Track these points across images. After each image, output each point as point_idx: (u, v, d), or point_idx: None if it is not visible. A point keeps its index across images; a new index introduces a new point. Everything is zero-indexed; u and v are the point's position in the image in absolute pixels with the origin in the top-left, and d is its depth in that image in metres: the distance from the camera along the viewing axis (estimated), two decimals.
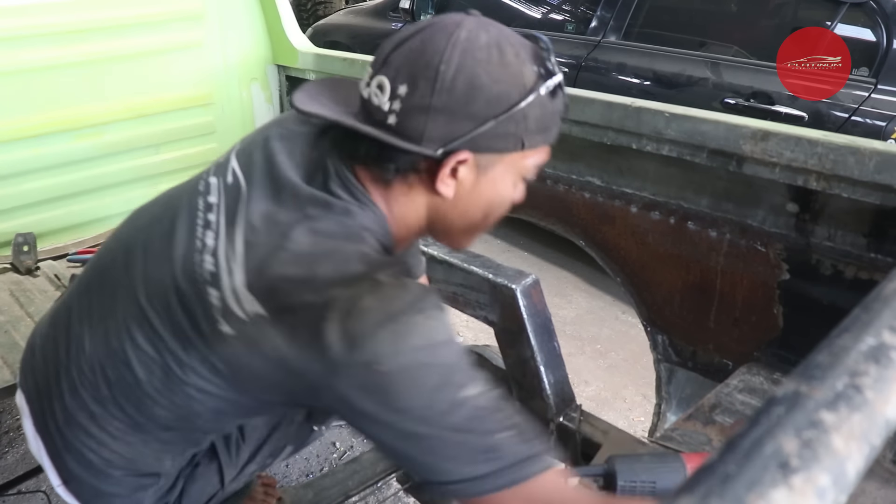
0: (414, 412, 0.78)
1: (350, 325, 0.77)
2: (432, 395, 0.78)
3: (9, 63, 1.94)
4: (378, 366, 0.76)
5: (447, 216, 0.95)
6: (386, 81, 0.85)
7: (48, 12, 1.99)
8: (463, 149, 0.86)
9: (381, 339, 0.76)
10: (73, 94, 2.03)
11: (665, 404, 1.69)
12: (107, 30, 2.09)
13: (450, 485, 0.81)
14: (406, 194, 0.92)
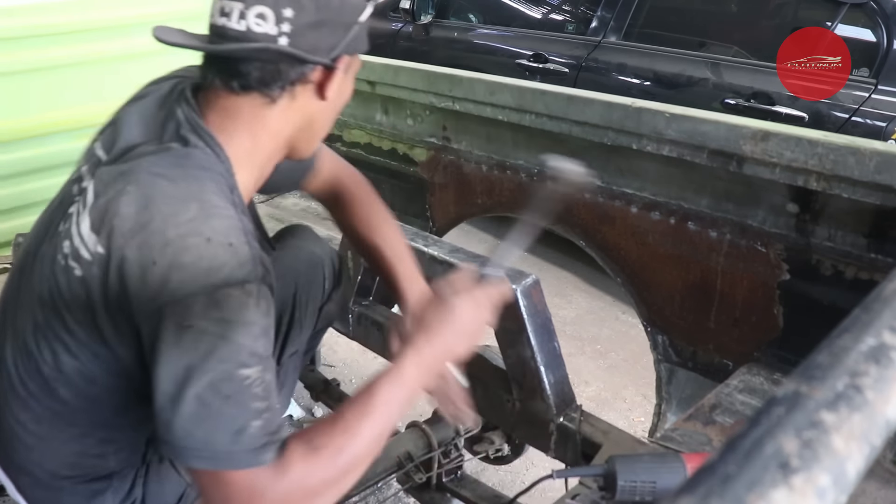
0: (203, 363, 0.83)
1: (171, 276, 0.85)
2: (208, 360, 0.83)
3: (9, 63, 1.94)
4: (185, 321, 0.83)
5: (318, 121, 1.06)
6: (267, 10, 0.92)
7: (48, 12, 1.99)
8: (344, 53, 1.00)
9: (196, 301, 0.84)
10: (73, 94, 2.04)
11: (665, 404, 1.69)
12: (107, 30, 2.09)
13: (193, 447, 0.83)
14: (286, 109, 0.99)
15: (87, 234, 0.91)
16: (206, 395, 0.83)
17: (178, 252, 0.86)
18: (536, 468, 2.22)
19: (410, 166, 2.18)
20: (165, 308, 0.85)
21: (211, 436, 0.83)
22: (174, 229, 0.87)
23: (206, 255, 0.87)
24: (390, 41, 4.27)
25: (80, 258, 0.92)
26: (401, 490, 1.82)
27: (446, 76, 1.90)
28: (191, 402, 0.83)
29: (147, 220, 0.88)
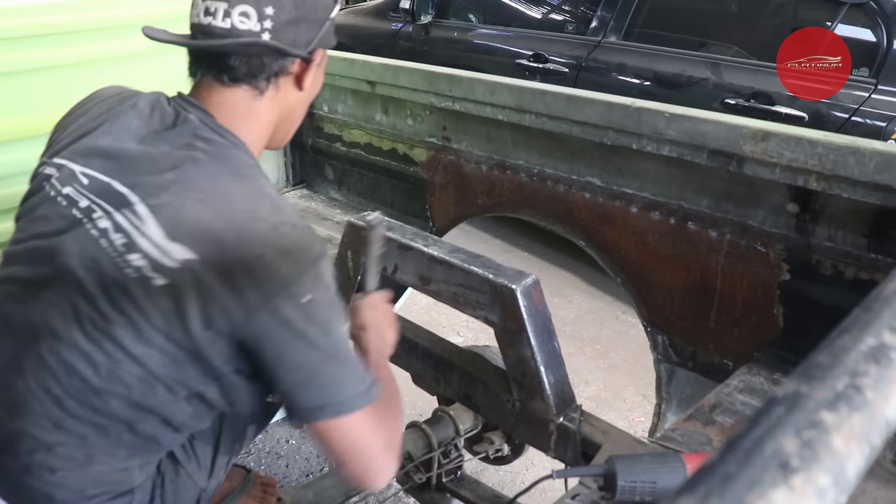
0: (326, 327, 0.99)
1: (280, 263, 0.95)
2: (338, 320, 1.02)
3: (9, 63, 1.94)
4: (304, 298, 0.96)
5: (297, 108, 1.16)
6: (250, 8, 1.01)
7: (48, 12, 1.99)
8: (319, 47, 1.09)
9: (307, 277, 0.96)
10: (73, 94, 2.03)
11: (665, 404, 1.69)
12: (107, 30, 2.09)
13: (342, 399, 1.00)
14: (273, 100, 1.09)
15: (166, 243, 0.96)
16: (339, 353, 1.01)
17: (275, 241, 0.97)
18: (536, 468, 2.22)
19: (410, 166, 2.18)
20: (282, 292, 0.94)
21: (351, 381, 1.01)
22: (262, 223, 0.98)
23: (298, 239, 0.99)
24: (390, 41, 4.27)
25: (162, 268, 0.95)
26: (401, 490, 1.83)
27: (446, 76, 1.90)
28: (331, 363, 0.99)
29: (233, 220, 0.97)
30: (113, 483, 1.07)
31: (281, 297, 0.94)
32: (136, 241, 0.97)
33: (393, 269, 1.57)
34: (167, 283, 0.95)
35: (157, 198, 0.98)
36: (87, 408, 1.01)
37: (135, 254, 0.97)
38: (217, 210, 0.97)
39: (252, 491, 1.47)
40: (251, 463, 2.27)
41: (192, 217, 0.97)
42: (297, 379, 0.99)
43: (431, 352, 1.63)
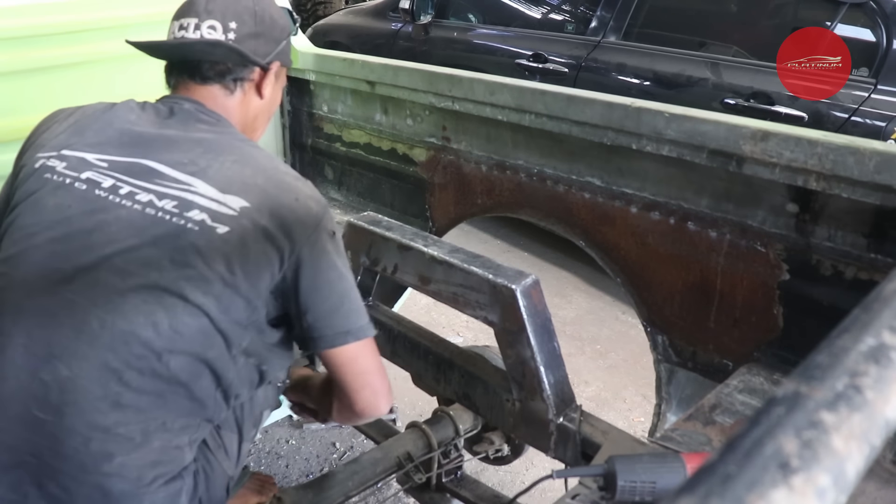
0: (346, 260, 1.19)
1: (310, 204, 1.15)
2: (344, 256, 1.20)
3: (9, 63, 1.94)
4: (333, 231, 1.17)
5: (259, 116, 1.32)
6: (217, 23, 1.20)
7: (48, 12, 1.99)
8: (276, 60, 1.29)
9: (328, 216, 1.17)
10: (73, 94, 2.03)
11: (665, 405, 1.69)
12: (107, 30, 2.09)
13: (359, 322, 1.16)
14: (241, 102, 1.26)
15: (222, 196, 1.10)
16: (353, 283, 1.18)
17: (301, 188, 1.16)
18: (536, 468, 2.22)
19: (410, 166, 2.18)
20: (318, 226, 1.13)
21: (363, 309, 1.18)
22: (287, 175, 1.18)
23: (311, 187, 1.20)
24: (390, 41, 4.27)
25: (223, 216, 1.08)
26: (401, 490, 1.83)
27: (446, 76, 1.90)
28: (352, 290, 1.17)
29: (268, 174, 1.14)
30: (167, 463, 1.07)
31: (318, 231, 1.12)
32: (191, 200, 1.09)
33: (393, 269, 1.57)
34: (229, 230, 1.07)
35: (196, 165, 1.12)
36: (147, 375, 1.03)
37: (193, 210, 1.08)
38: (252, 167, 1.14)
39: (249, 483, 1.48)
40: (251, 463, 2.27)
41: (236, 173, 1.12)
42: (329, 305, 1.13)
43: (432, 351, 1.63)
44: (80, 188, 1.10)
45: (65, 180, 1.11)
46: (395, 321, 1.70)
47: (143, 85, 2.21)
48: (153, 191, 1.10)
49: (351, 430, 2.33)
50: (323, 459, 2.33)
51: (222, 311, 1.06)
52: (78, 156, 1.14)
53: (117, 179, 1.11)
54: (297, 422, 2.45)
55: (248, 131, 1.30)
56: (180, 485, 1.10)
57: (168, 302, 1.04)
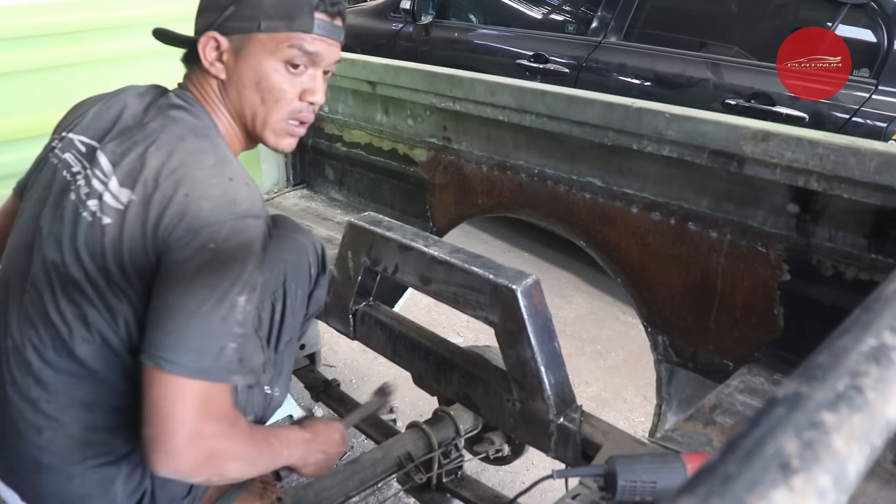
0: (215, 282, 0.99)
1: (202, 206, 1.00)
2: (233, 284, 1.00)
3: (9, 63, 1.94)
4: (210, 244, 0.99)
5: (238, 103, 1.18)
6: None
7: (48, 12, 1.99)
8: (215, 30, 1.14)
9: (222, 228, 1.00)
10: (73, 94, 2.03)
11: (665, 405, 1.69)
12: (107, 30, 2.09)
13: (180, 355, 0.97)
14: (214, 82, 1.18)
15: (118, 190, 1.05)
16: (209, 313, 0.97)
17: (205, 187, 1.02)
18: (536, 468, 2.22)
19: (410, 166, 2.18)
20: (192, 232, 0.99)
21: (203, 349, 0.97)
22: (198, 171, 1.03)
23: (230, 190, 1.03)
24: (391, 41, 4.27)
25: (110, 209, 1.04)
26: (401, 490, 1.82)
27: (446, 76, 1.90)
28: (195, 318, 0.97)
29: (175, 166, 1.04)
30: (97, 446, 1.10)
31: (188, 237, 0.99)
32: (98, 190, 1.07)
33: (393, 270, 1.57)
34: (111, 222, 1.04)
35: (122, 155, 1.08)
36: (63, 357, 1.07)
37: (92, 200, 1.07)
38: (161, 158, 1.05)
39: (252, 487, 1.47)
40: None
41: (141, 165, 1.05)
42: (156, 315, 0.99)
43: (432, 351, 1.63)
44: (58, 167, 1.16)
45: (53, 160, 1.18)
46: (395, 321, 1.70)
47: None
48: (86, 178, 1.10)
49: (351, 430, 2.33)
50: None
51: (112, 304, 1.06)
52: (70, 137, 1.19)
53: (81, 164, 1.14)
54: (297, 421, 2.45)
55: (240, 115, 1.19)
56: (114, 472, 1.11)
57: (69, 289, 1.06)
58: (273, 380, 1.36)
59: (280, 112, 1.18)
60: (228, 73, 1.16)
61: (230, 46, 1.14)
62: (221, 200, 1.01)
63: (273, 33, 1.13)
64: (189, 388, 0.97)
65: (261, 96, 1.17)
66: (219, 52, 1.15)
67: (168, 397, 0.97)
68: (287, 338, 1.40)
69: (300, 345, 2.12)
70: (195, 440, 0.97)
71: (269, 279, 1.35)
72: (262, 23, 1.12)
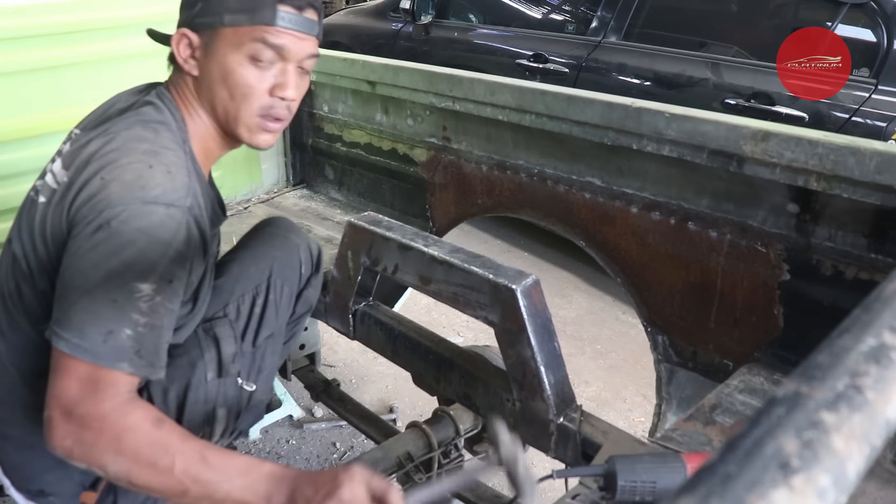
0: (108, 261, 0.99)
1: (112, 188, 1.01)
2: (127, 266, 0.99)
3: (9, 63, 1.94)
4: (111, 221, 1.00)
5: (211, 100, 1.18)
6: None
7: (48, 12, 1.99)
8: (185, 27, 1.16)
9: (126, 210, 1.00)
10: (73, 94, 2.03)
11: (665, 405, 1.69)
12: (107, 30, 2.09)
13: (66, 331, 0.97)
14: (186, 79, 1.19)
15: (59, 171, 1.11)
16: (97, 293, 0.97)
17: (122, 171, 1.03)
18: (536, 468, 2.22)
19: (410, 166, 2.18)
20: (95, 211, 1.01)
21: (87, 328, 0.96)
22: (125, 157, 1.05)
23: (144, 176, 1.03)
24: (390, 41, 4.27)
25: (47, 189, 1.11)
26: (401, 490, 1.82)
27: (446, 76, 1.90)
28: (83, 296, 0.97)
29: (106, 151, 1.06)
30: None
31: (91, 216, 1.01)
32: (44, 176, 1.15)
33: (393, 269, 1.57)
34: (45, 202, 1.11)
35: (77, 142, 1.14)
36: (10, 327, 1.16)
37: (39, 181, 1.16)
38: (99, 143, 1.08)
39: None
40: None
41: (81, 149, 1.10)
42: (57, 290, 1.03)
43: (432, 351, 1.63)
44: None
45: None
46: (395, 321, 1.70)
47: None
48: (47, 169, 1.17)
49: (351, 430, 2.33)
50: (323, 459, 2.32)
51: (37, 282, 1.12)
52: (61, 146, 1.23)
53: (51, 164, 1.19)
54: (297, 422, 2.45)
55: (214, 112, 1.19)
56: None
57: (14, 267, 1.15)
58: (249, 374, 1.35)
59: (249, 107, 1.17)
60: (200, 70, 1.16)
61: (200, 43, 1.15)
62: (132, 185, 1.01)
63: (236, 27, 1.12)
64: (70, 365, 0.95)
65: (229, 92, 1.16)
66: (191, 49, 1.16)
67: (54, 369, 0.97)
68: (267, 333, 1.39)
69: (300, 345, 2.12)
70: (67, 418, 0.93)
71: (252, 273, 1.38)
72: (225, 17, 1.12)
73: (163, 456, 0.92)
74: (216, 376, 1.29)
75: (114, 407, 0.95)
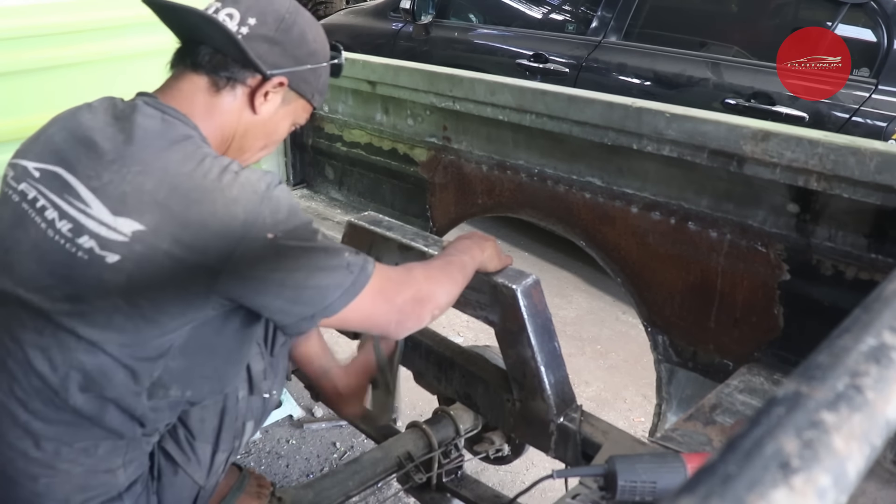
0: (296, 253, 1.01)
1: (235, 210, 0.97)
2: (307, 236, 1.03)
3: (9, 63, 1.94)
4: (269, 234, 0.99)
5: (249, 134, 1.16)
6: (236, 12, 1.09)
7: (48, 12, 1.99)
8: (285, 78, 1.13)
9: (265, 214, 0.99)
10: (73, 94, 2.03)
11: (665, 405, 1.69)
12: (107, 30, 2.09)
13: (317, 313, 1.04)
14: (230, 104, 1.11)
15: (112, 220, 0.97)
16: (317, 262, 1.02)
17: (223, 192, 0.98)
18: (536, 468, 2.22)
19: (410, 166, 2.18)
20: (246, 237, 0.97)
21: (339, 279, 1.04)
22: (205, 179, 0.98)
23: (244, 182, 1.00)
24: (391, 41, 4.27)
25: (112, 244, 0.96)
26: (401, 490, 1.83)
27: (446, 76, 1.90)
28: (312, 274, 1.02)
29: (175, 185, 0.97)
30: (97, 487, 1.06)
31: (246, 241, 0.97)
32: (83, 224, 0.98)
33: None
34: (120, 259, 0.96)
35: (99, 179, 1.00)
36: (51, 407, 1.01)
37: (83, 236, 0.98)
38: (157, 179, 0.98)
39: (248, 488, 1.48)
40: (251, 463, 2.27)
41: (133, 189, 0.97)
42: (283, 307, 1.03)
43: (433, 350, 1.63)
44: (14, 200, 1.06)
45: (7, 191, 1.09)
46: None
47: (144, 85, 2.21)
48: (59, 208, 1.01)
49: (351, 429, 2.34)
50: (323, 459, 2.33)
51: (125, 346, 0.99)
52: (23, 165, 1.09)
53: (39, 192, 1.04)
54: (297, 421, 2.45)
55: (234, 148, 1.15)
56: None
57: (61, 337, 0.98)
58: (272, 384, 1.36)
59: (261, 155, 1.24)
60: (259, 113, 1.14)
61: (283, 95, 1.16)
62: (247, 195, 0.99)
63: (309, 102, 1.22)
64: (358, 301, 1.06)
65: (265, 141, 1.21)
66: (267, 94, 1.14)
67: (353, 318, 1.09)
68: (282, 341, 1.39)
69: None
70: (402, 308, 1.13)
71: None
72: (315, 97, 1.22)
73: (450, 274, 1.24)
74: (248, 394, 1.29)
75: (402, 286, 1.14)
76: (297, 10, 1.16)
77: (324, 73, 1.21)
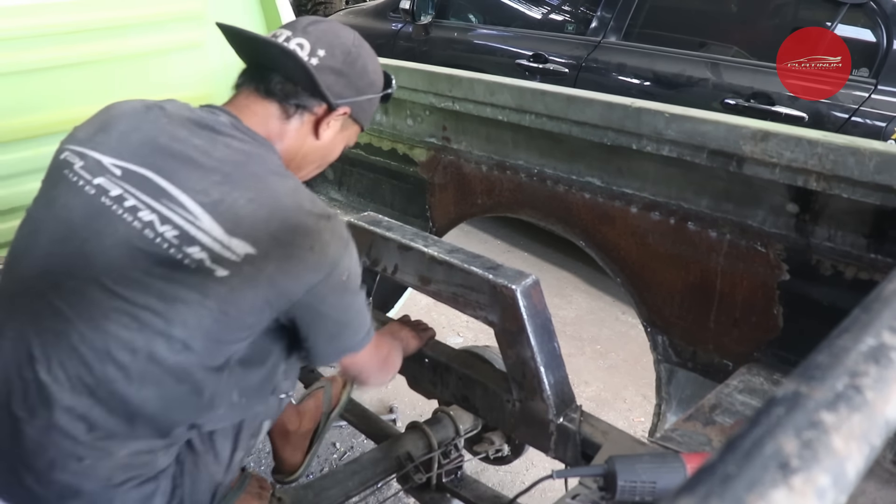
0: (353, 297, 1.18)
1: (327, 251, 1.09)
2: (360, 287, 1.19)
3: (9, 63, 1.94)
4: (343, 276, 1.13)
5: (309, 156, 1.26)
6: (306, 42, 1.17)
7: (48, 12, 1.99)
8: (348, 106, 1.22)
9: (345, 259, 1.12)
10: (73, 94, 2.03)
11: (665, 405, 1.69)
12: (107, 30, 2.09)
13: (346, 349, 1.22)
14: (297, 130, 1.20)
15: (227, 239, 1.04)
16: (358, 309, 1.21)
17: (320, 233, 1.09)
18: (536, 468, 2.22)
19: (410, 166, 2.18)
20: (330, 275, 1.09)
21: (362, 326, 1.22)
22: (308, 217, 1.10)
23: (334, 229, 1.11)
24: (390, 41, 4.27)
25: (224, 260, 1.04)
26: (401, 490, 1.83)
27: (446, 76, 1.90)
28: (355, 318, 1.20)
29: (285, 217, 1.08)
30: (139, 467, 1.08)
31: (328, 279, 1.09)
32: (193, 235, 1.04)
33: (393, 270, 1.57)
34: (229, 274, 1.03)
35: (207, 195, 1.06)
36: (117, 398, 1.03)
37: (194, 246, 1.03)
38: (269, 209, 1.07)
39: (249, 488, 1.48)
40: (251, 463, 2.26)
41: (248, 215, 1.06)
42: (325, 338, 1.17)
43: (427, 355, 1.63)
44: (89, 192, 1.08)
45: (78, 181, 1.09)
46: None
47: (144, 85, 2.22)
48: (157, 211, 1.05)
49: (351, 429, 2.33)
50: (323, 459, 2.32)
51: (205, 352, 1.05)
52: (96, 158, 1.10)
53: (125, 190, 1.07)
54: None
55: (292, 168, 1.22)
56: (154, 487, 1.10)
57: (150, 332, 1.02)
58: (289, 385, 1.37)
59: (313, 174, 1.33)
60: (319, 137, 1.23)
61: (343, 123, 1.25)
62: (336, 238, 1.11)
63: (361, 127, 1.32)
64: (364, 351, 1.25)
65: (320, 163, 1.31)
66: (329, 120, 1.22)
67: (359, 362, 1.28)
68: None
69: None
70: (382, 366, 1.37)
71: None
72: (367, 120, 1.32)
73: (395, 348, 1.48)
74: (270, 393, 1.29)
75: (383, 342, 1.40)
76: (360, 43, 1.25)
77: (376, 101, 1.31)
